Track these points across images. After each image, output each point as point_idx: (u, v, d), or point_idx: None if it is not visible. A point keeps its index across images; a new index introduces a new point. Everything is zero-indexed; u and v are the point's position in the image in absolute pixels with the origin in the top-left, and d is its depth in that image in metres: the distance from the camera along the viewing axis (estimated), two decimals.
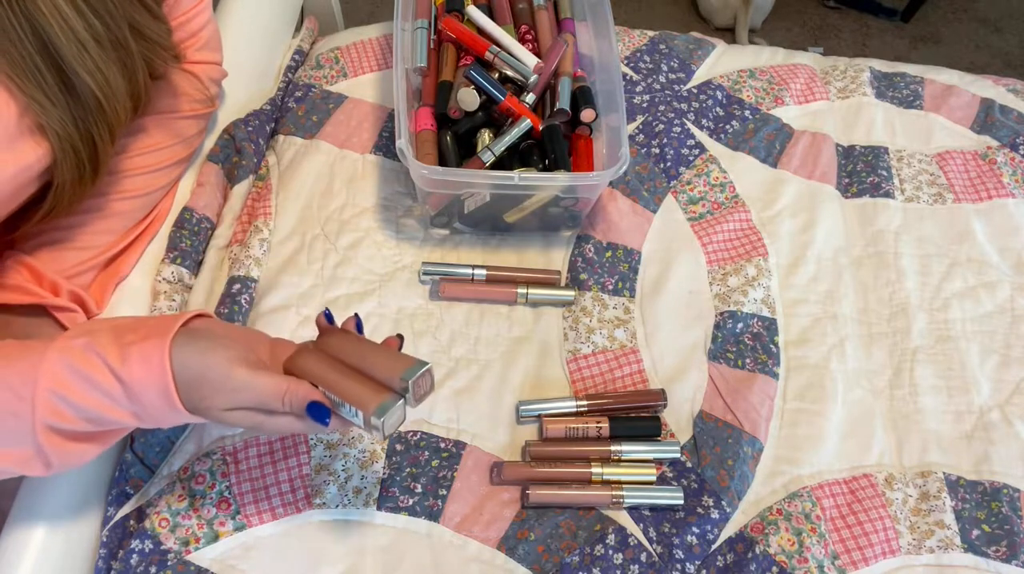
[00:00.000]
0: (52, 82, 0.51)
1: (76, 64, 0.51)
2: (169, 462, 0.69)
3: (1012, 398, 0.81)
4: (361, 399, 0.51)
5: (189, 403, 0.49)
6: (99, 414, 0.48)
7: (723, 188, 0.92)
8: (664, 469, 0.74)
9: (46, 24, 0.48)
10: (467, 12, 0.90)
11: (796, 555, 0.68)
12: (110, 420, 0.49)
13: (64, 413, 0.48)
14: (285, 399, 0.50)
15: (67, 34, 0.50)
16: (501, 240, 0.86)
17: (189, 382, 0.48)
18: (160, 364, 0.47)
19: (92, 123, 0.55)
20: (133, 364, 0.47)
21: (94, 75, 0.53)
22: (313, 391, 0.51)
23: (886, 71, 1.06)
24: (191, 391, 0.49)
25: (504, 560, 0.67)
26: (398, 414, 0.51)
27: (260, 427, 0.52)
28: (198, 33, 0.74)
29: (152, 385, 0.48)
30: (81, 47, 0.51)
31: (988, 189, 0.95)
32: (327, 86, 0.94)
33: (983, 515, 0.74)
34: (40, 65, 0.50)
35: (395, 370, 0.52)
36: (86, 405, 0.48)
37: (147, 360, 0.47)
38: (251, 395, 0.49)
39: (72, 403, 0.47)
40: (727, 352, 0.80)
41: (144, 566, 0.64)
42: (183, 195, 0.80)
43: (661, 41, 1.04)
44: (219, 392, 0.49)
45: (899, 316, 0.85)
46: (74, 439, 0.50)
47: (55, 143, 0.53)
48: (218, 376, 0.49)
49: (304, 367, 0.53)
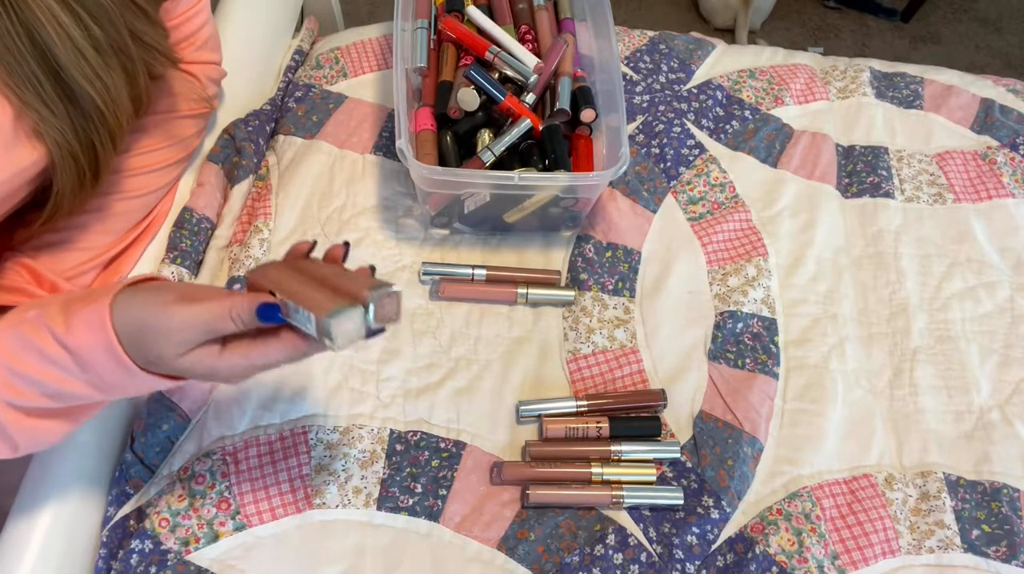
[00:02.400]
0: (51, 90, 0.50)
1: (75, 72, 0.51)
2: (169, 462, 0.69)
3: (1012, 398, 0.81)
4: (317, 303, 0.45)
5: (140, 359, 0.47)
6: (56, 387, 0.47)
7: (723, 188, 0.92)
8: (664, 469, 0.74)
9: (44, 32, 0.48)
10: (467, 12, 0.90)
11: (796, 555, 0.68)
12: (68, 393, 0.48)
13: (20, 388, 0.47)
14: (232, 312, 0.46)
15: (65, 42, 0.49)
16: (501, 240, 0.86)
17: (133, 336, 0.46)
18: (100, 322, 0.45)
19: (93, 131, 0.54)
20: (76, 329, 0.46)
21: (93, 83, 0.52)
22: (261, 295, 0.47)
23: (886, 71, 1.06)
24: (138, 345, 0.46)
25: (504, 560, 0.67)
26: (354, 323, 0.45)
27: (218, 368, 0.47)
28: (196, 33, 0.74)
29: (97, 346, 0.46)
30: (79, 54, 0.51)
31: (988, 189, 0.95)
32: (327, 86, 0.94)
33: (983, 515, 0.74)
34: (38, 73, 0.49)
35: (362, 286, 0.47)
36: (40, 378, 0.46)
37: (89, 322, 0.46)
38: (195, 325, 0.45)
39: (26, 377, 0.46)
40: (727, 352, 0.80)
41: (144, 566, 0.64)
42: (183, 195, 0.80)
43: (661, 41, 1.04)
44: (163, 336, 0.45)
45: (899, 316, 0.85)
46: (38, 416, 0.49)
47: (54, 151, 0.53)
48: (157, 319, 0.45)
49: (266, 276, 0.50)
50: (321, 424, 0.72)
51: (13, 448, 0.49)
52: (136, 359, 0.46)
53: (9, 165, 0.51)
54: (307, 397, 0.73)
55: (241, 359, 0.47)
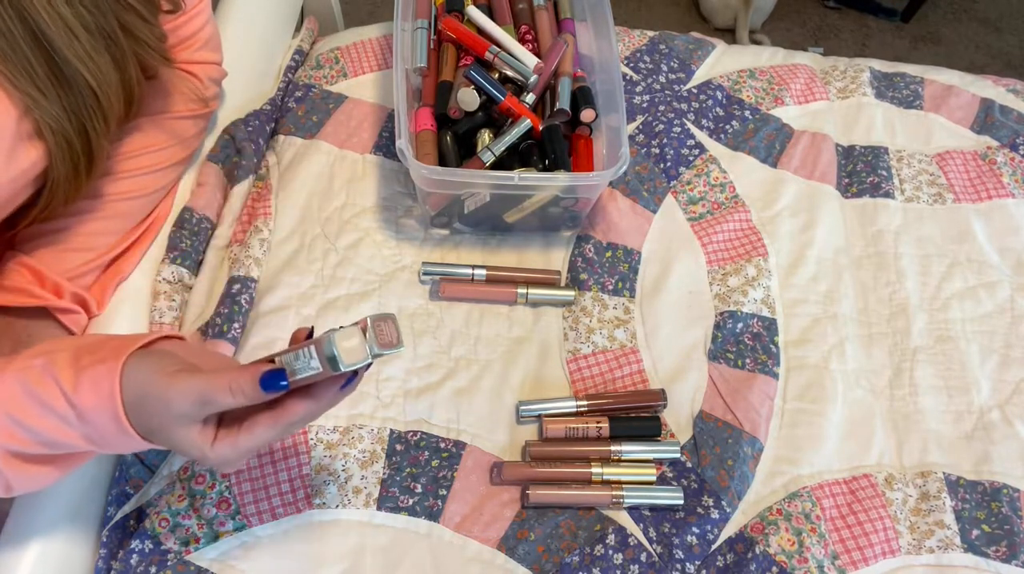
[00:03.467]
0: (43, 73, 0.50)
1: (67, 51, 0.50)
2: (169, 462, 0.69)
3: (1012, 398, 0.81)
4: (316, 341, 0.45)
5: (141, 427, 0.46)
6: (53, 438, 0.47)
7: (723, 188, 0.92)
8: (664, 469, 0.74)
9: (35, 13, 0.48)
10: (467, 12, 0.90)
11: (796, 555, 0.68)
12: (64, 443, 0.48)
13: (20, 437, 0.47)
14: (232, 386, 0.44)
15: (56, 21, 0.49)
16: (501, 240, 0.86)
17: (136, 404, 0.46)
18: (110, 389, 0.45)
19: (86, 115, 0.54)
20: (84, 388, 0.46)
21: (85, 63, 0.52)
22: (262, 364, 0.46)
23: (886, 71, 1.06)
24: (139, 413, 0.46)
25: (504, 560, 0.67)
26: (356, 340, 0.44)
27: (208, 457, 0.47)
28: (197, 34, 0.74)
29: (104, 411, 0.46)
30: (70, 33, 0.50)
31: (988, 189, 0.95)
32: (327, 86, 0.94)
33: (983, 515, 0.74)
34: (30, 57, 0.49)
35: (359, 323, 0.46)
36: (40, 428, 0.46)
37: (97, 385, 0.45)
38: (190, 397, 0.44)
39: (26, 426, 0.46)
40: (727, 352, 0.80)
41: (144, 566, 0.64)
42: (183, 195, 0.80)
43: (661, 41, 1.04)
44: (163, 406, 0.45)
45: (899, 316, 0.85)
46: (32, 462, 0.49)
47: (49, 138, 0.53)
48: (158, 389, 0.45)
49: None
50: (321, 424, 0.72)
51: (7, 489, 0.50)
52: (139, 428, 0.46)
53: (13, 167, 0.51)
54: None
55: (229, 449, 0.47)
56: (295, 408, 0.47)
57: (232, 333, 0.74)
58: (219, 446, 0.47)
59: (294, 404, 0.47)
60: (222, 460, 0.47)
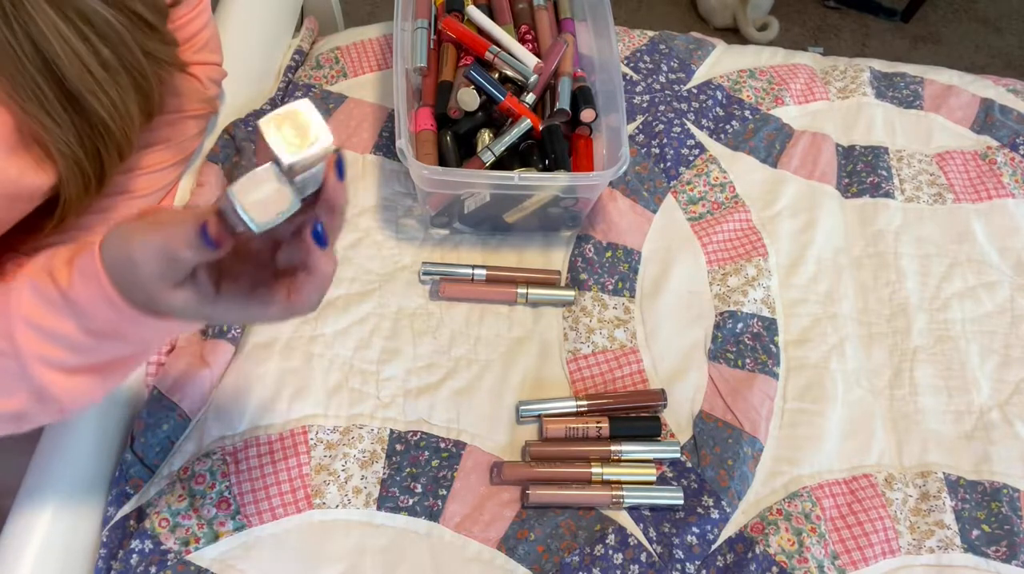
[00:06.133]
0: (55, 100, 0.50)
1: (79, 85, 0.51)
2: (169, 462, 0.69)
3: (1012, 398, 0.81)
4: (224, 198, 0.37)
5: (138, 304, 0.42)
6: (73, 340, 0.44)
7: (723, 188, 0.92)
8: (664, 469, 0.74)
9: (47, 44, 0.48)
10: (467, 12, 0.90)
11: (796, 555, 0.68)
12: (84, 344, 0.44)
13: (46, 344, 0.44)
14: (184, 236, 0.39)
15: (70, 56, 0.49)
16: (501, 240, 0.86)
17: (120, 281, 0.41)
18: (94, 270, 0.42)
19: (99, 140, 0.54)
20: (76, 280, 0.43)
21: (99, 97, 0.52)
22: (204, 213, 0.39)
23: (886, 71, 1.06)
24: (126, 288, 0.42)
25: (504, 560, 0.67)
26: (267, 186, 0.35)
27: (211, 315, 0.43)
28: (198, 35, 0.74)
29: (98, 299, 0.42)
30: (85, 69, 0.50)
31: (988, 189, 0.95)
32: (327, 86, 0.94)
33: (983, 515, 0.74)
34: (41, 84, 0.49)
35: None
36: (58, 329, 0.43)
37: (84, 273, 0.42)
38: (152, 256, 0.39)
39: (46, 331, 0.43)
40: (727, 352, 0.80)
41: (144, 566, 0.64)
42: (183, 195, 0.80)
43: (661, 41, 1.04)
44: (133, 271, 0.40)
45: (899, 316, 0.85)
46: (74, 373, 0.46)
47: (60, 161, 0.52)
48: (123, 254, 0.40)
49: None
50: (321, 424, 0.72)
51: (60, 410, 0.47)
52: (139, 306, 0.42)
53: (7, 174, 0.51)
54: (307, 397, 0.73)
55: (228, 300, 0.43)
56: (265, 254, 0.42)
57: (232, 333, 0.74)
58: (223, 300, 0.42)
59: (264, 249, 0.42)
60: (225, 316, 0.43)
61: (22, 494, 0.61)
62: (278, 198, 0.35)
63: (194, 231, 0.38)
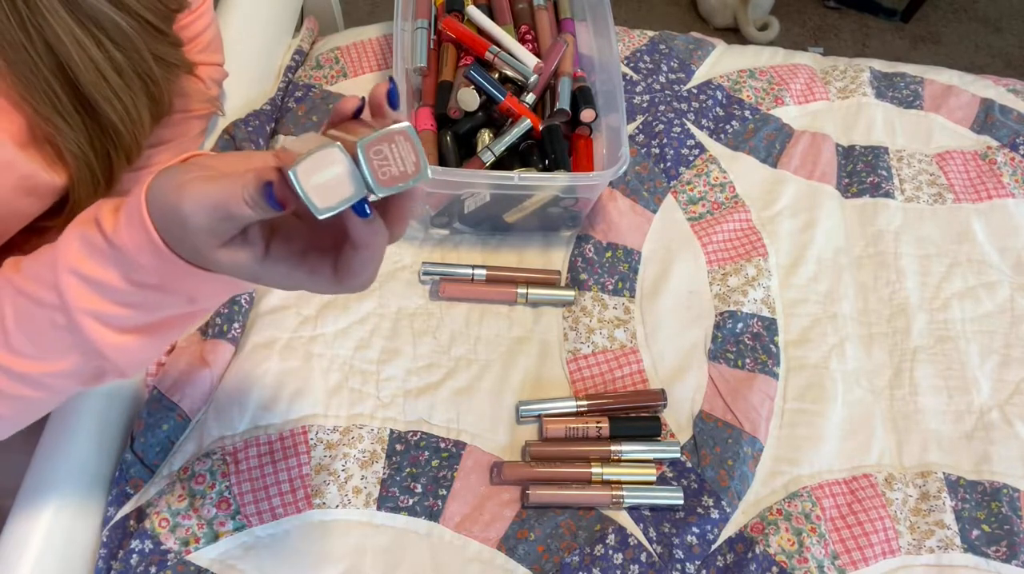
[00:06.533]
0: (68, 103, 0.50)
1: (93, 90, 0.51)
2: (169, 462, 0.69)
3: (1012, 398, 0.81)
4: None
5: (186, 254, 0.39)
6: (119, 292, 0.41)
7: (723, 188, 0.92)
8: (664, 469, 0.74)
9: (63, 49, 0.48)
10: (467, 12, 0.90)
11: (796, 555, 0.68)
12: (129, 295, 0.41)
13: (91, 295, 0.41)
14: (245, 193, 0.35)
15: (85, 61, 0.49)
16: (501, 240, 0.86)
17: (166, 230, 0.38)
18: (139, 217, 0.39)
19: (109, 143, 0.55)
20: (121, 226, 0.40)
21: (113, 103, 0.52)
22: (268, 171, 0.35)
23: (886, 71, 1.06)
24: (173, 239, 0.39)
25: (504, 560, 0.67)
26: (332, 172, 0.33)
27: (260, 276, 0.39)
28: (200, 36, 0.74)
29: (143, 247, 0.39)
30: (99, 75, 0.51)
31: (988, 189, 0.95)
32: (327, 86, 0.94)
33: (983, 515, 0.74)
34: (55, 86, 0.49)
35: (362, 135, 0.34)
36: (106, 281, 0.40)
37: (131, 219, 0.39)
38: (204, 209, 0.36)
39: (95, 282, 0.40)
40: (727, 352, 0.80)
41: (144, 566, 0.64)
42: None
43: (661, 41, 1.04)
44: (181, 224, 0.37)
45: (899, 316, 0.85)
46: (122, 331, 0.43)
47: (71, 162, 0.53)
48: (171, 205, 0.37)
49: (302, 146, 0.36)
50: (321, 424, 0.72)
51: (119, 372, 0.44)
52: (186, 255, 0.39)
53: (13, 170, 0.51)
54: (307, 397, 0.73)
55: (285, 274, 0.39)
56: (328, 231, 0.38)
57: (232, 333, 0.74)
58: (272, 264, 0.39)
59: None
60: (275, 281, 0.40)
61: (22, 494, 0.61)
62: (343, 183, 0.33)
63: (257, 188, 0.35)
